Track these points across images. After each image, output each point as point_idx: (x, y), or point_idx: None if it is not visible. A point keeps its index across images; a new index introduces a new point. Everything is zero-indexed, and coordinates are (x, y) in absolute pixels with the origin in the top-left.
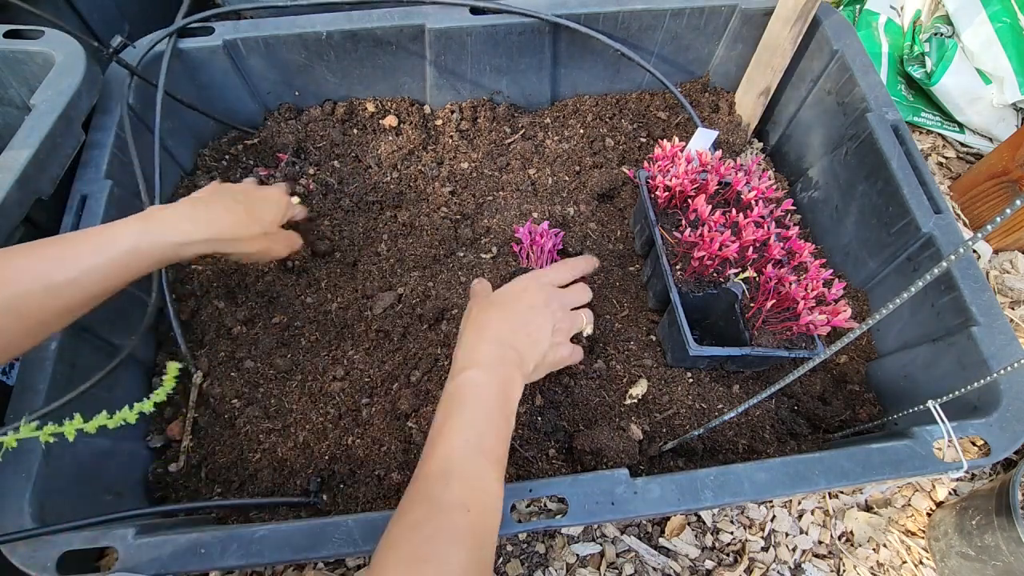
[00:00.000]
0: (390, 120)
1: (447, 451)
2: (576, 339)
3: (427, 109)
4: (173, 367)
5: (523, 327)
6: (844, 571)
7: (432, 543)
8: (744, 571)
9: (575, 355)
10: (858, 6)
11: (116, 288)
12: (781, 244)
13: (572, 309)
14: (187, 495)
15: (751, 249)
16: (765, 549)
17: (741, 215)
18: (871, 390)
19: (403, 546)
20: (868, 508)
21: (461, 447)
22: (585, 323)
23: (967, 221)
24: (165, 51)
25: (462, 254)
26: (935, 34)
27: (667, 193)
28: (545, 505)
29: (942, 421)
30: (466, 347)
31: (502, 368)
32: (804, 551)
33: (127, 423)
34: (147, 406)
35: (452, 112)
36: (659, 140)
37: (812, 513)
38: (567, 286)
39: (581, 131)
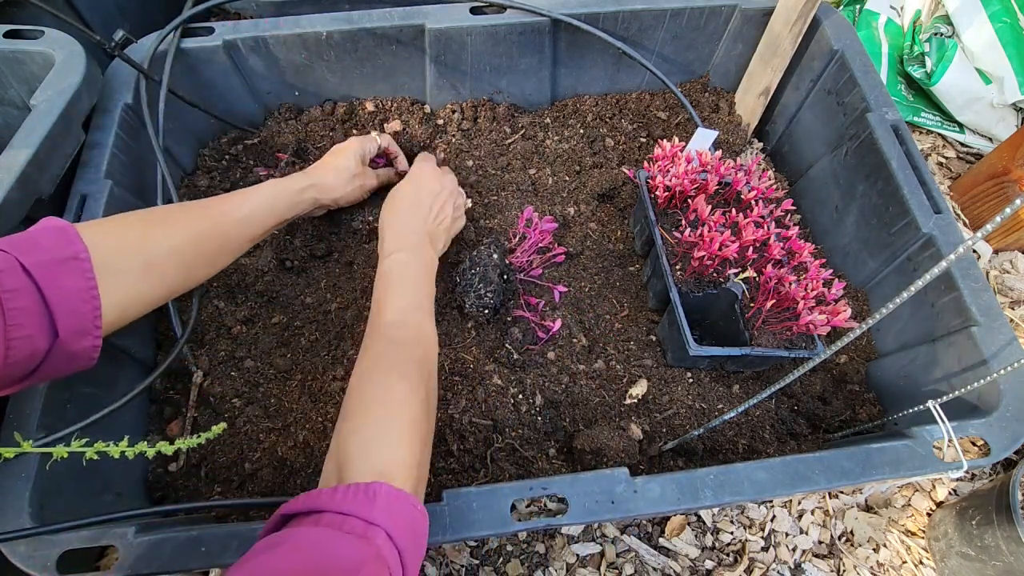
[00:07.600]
0: (394, 125)
1: (395, 309)
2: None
3: (427, 109)
4: None
5: (431, 215)
6: (844, 571)
7: (397, 364)
8: (744, 571)
9: (463, 220)
10: (858, 6)
11: (268, 228)
12: (781, 244)
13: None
14: (187, 495)
15: (751, 249)
16: (765, 549)
17: (741, 215)
18: (871, 390)
19: (374, 369)
20: (868, 508)
21: (405, 306)
22: (465, 197)
23: (967, 221)
24: (169, 49)
25: (462, 255)
26: (935, 34)
27: (667, 193)
28: (545, 505)
29: (942, 421)
30: (391, 235)
31: (422, 249)
32: (804, 551)
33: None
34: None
35: (453, 112)
36: (659, 140)
37: (812, 513)
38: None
39: (581, 131)
